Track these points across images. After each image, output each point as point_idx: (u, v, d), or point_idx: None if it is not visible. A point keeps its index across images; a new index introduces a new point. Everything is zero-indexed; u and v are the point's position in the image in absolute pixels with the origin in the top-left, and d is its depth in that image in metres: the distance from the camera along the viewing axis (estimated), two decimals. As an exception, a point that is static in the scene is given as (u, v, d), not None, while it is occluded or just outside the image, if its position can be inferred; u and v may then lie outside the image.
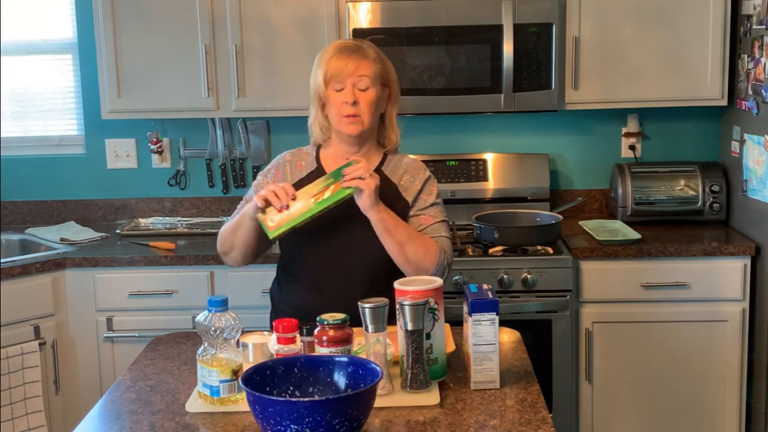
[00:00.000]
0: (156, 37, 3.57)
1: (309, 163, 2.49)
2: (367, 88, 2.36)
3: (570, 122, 3.90)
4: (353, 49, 2.38)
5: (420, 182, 2.47)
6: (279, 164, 2.51)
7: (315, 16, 3.52)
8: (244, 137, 3.91)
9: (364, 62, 2.36)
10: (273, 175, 2.48)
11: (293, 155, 2.52)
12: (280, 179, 2.46)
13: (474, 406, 1.89)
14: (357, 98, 2.35)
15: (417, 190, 2.45)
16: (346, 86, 2.35)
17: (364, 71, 2.36)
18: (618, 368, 3.38)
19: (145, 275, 3.38)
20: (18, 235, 3.75)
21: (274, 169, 2.50)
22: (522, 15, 3.42)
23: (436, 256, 2.35)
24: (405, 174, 2.47)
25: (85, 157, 4.02)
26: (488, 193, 3.81)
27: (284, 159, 2.52)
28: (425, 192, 2.46)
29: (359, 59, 2.36)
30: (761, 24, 3.25)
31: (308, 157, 2.50)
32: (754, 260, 3.32)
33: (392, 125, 2.49)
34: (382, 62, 2.42)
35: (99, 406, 1.98)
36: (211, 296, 1.92)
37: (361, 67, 2.35)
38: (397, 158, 2.51)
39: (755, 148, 3.32)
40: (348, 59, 2.36)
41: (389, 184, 2.44)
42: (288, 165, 2.49)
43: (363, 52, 2.38)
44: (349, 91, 2.35)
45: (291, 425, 1.56)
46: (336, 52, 2.38)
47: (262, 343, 2.07)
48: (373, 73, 2.37)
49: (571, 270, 3.28)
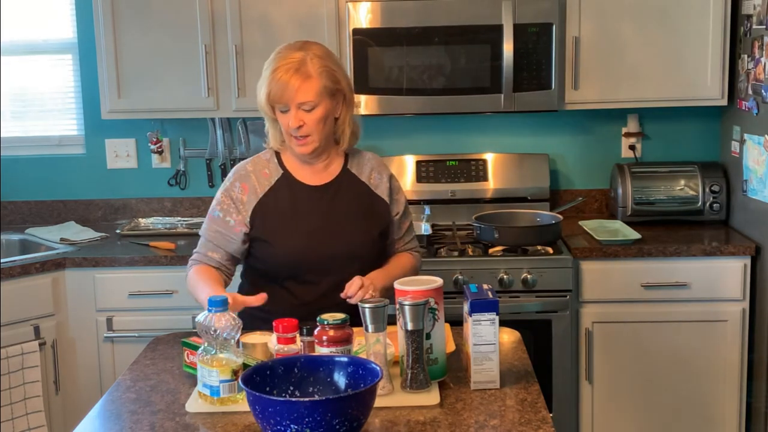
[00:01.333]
0: (156, 37, 3.57)
1: (273, 170, 2.42)
2: (313, 108, 2.29)
3: (570, 122, 3.90)
4: (295, 67, 2.26)
5: (387, 178, 2.50)
6: (241, 176, 2.41)
7: (315, 16, 3.52)
8: (244, 137, 3.91)
9: (305, 84, 2.26)
10: (240, 189, 2.40)
11: (254, 164, 2.44)
12: (248, 192, 2.39)
13: (474, 406, 1.89)
14: (302, 120, 2.29)
15: (387, 187, 2.48)
16: (290, 109, 2.29)
17: (306, 95, 2.26)
18: (618, 368, 3.38)
19: (145, 275, 3.38)
20: (18, 235, 3.75)
21: (238, 182, 2.40)
22: (522, 15, 3.42)
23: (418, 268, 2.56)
24: (372, 171, 2.48)
25: (85, 157, 4.02)
26: (488, 193, 3.81)
27: (246, 170, 2.42)
28: (396, 191, 2.52)
29: (301, 80, 2.25)
30: (761, 24, 3.24)
31: (270, 164, 2.44)
32: (754, 260, 3.32)
33: (345, 128, 2.41)
34: (327, 72, 2.30)
35: (99, 406, 1.98)
36: (211, 296, 1.92)
37: (302, 90, 2.26)
38: (358, 155, 2.50)
39: (755, 148, 3.32)
40: (289, 81, 2.25)
41: (361, 186, 2.45)
42: (253, 176, 2.41)
43: (305, 70, 2.26)
44: (293, 115, 2.29)
45: (291, 425, 1.56)
46: (280, 71, 2.27)
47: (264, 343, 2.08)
48: (318, 91, 2.27)
49: (571, 270, 3.28)
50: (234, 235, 2.39)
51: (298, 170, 2.43)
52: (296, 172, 2.43)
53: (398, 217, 2.51)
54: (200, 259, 2.43)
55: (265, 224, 2.38)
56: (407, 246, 2.57)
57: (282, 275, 2.40)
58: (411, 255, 2.57)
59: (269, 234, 2.38)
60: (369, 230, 2.42)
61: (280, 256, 2.38)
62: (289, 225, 2.38)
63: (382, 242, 2.48)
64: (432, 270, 2.98)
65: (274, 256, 2.39)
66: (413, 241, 2.60)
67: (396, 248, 2.55)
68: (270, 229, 2.38)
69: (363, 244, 2.40)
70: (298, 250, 2.37)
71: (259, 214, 2.39)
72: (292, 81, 2.26)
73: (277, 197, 2.40)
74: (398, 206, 2.51)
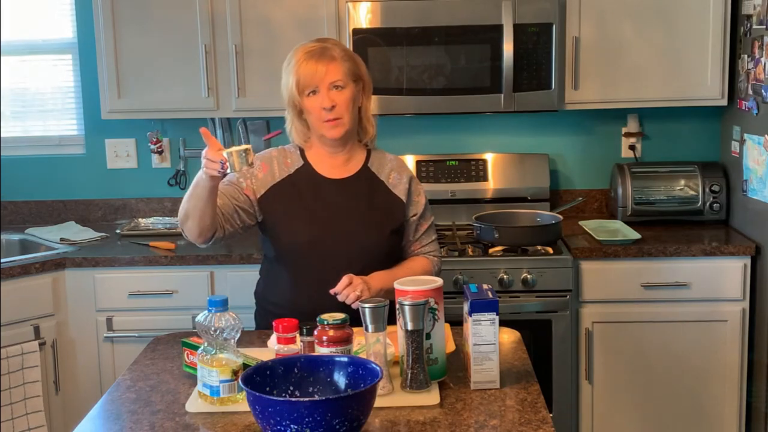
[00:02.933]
0: (156, 37, 3.57)
1: (295, 160, 2.48)
2: (343, 87, 2.36)
3: (570, 122, 3.90)
4: (320, 53, 2.36)
5: (407, 180, 2.51)
6: (264, 158, 2.48)
7: (315, 16, 3.52)
8: (244, 137, 3.90)
9: (333, 64, 2.35)
10: (259, 167, 2.45)
11: (279, 152, 2.51)
12: (266, 172, 2.44)
13: (474, 406, 1.89)
14: (334, 101, 2.35)
15: (406, 188, 2.50)
16: (321, 91, 2.35)
17: (336, 74, 2.35)
18: (618, 368, 3.38)
19: (145, 275, 3.38)
20: (18, 235, 3.75)
21: (259, 161, 2.45)
22: (522, 15, 3.42)
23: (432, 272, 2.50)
24: (392, 172, 2.51)
25: (85, 157, 4.02)
26: (488, 193, 3.81)
27: (271, 154, 2.50)
28: (415, 193, 2.53)
29: (328, 62, 2.35)
30: (761, 24, 3.24)
31: (293, 155, 2.49)
32: (754, 260, 3.32)
33: (368, 118, 2.49)
34: (350, 58, 2.41)
35: (99, 406, 1.98)
36: (211, 296, 1.92)
37: (331, 69, 2.34)
38: (379, 155, 2.53)
39: (755, 148, 3.32)
40: (317, 64, 2.34)
41: (379, 185, 2.48)
42: (275, 161, 2.48)
43: (330, 54, 2.36)
44: (325, 95, 2.35)
45: (291, 425, 1.56)
46: (304, 59, 2.35)
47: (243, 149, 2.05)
48: (345, 72, 2.36)
49: (571, 270, 3.28)
50: (241, 195, 2.42)
51: (319, 163, 2.47)
52: (317, 165, 2.47)
53: (415, 218, 2.52)
54: None
55: (276, 209, 2.42)
56: (424, 249, 2.56)
57: (288, 264, 2.43)
58: (427, 259, 2.55)
59: (278, 218, 2.42)
60: (380, 228, 2.43)
61: (285, 243, 2.42)
62: (299, 213, 2.41)
63: (394, 241, 2.48)
64: (432, 270, 2.99)
65: (279, 241, 2.43)
66: (432, 245, 2.58)
67: (412, 250, 2.55)
68: (279, 213, 2.42)
69: (371, 241, 2.41)
70: (301, 238, 2.39)
71: (272, 198, 2.43)
72: (320, 63, 2.35)
73: (293, 184, 2.44)
74: (416, 208, 2.52)
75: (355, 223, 2.41)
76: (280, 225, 2.42)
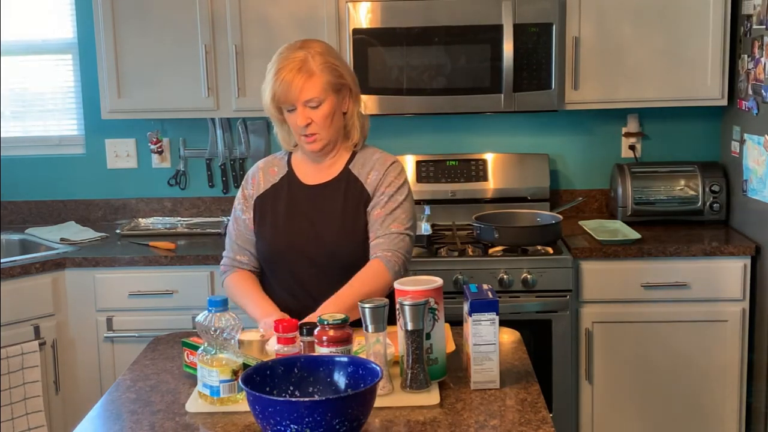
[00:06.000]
0: (156, 37, 3.57)
1: (281, 168, 2.48)
2: (319, 104, 2.30)
3: (570, 122, 3.90)
4: (297, 66, 2.27)
5: (382, 173, 2.39)
6: (253, 172, 2.50)
7: (315, 16, 3.52)
8: (244, 137, 3.91)
9: (309, 81, 2.27)
10: (250, 184, 2.48)
11: (266, 163, 2.52)
12: (255, 186, 2.47)
13: (474, 406, 1.89)
14: (309, 118, 2.31)
15: (376, 182, 2.39)
16: (297, 108, 2.30)
17: (311, 91, 2.27)
18: (618, 368, 3.38)
19: (145, 275, 3.38)
20: (18, 235, 3.75)
21: (250, 178, 2.49)
22: (522, 15, 3.42)
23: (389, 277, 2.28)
24: (372, 171, 2.41)
25: (85, 157, 4.02)
26: (488, 193, 3.81)
27: (257, 166, 2.52)
28: (383, 184, 2.38)
29: (305, 78, 2.26)
30: (761, 24, 3.24)
31: (280, 162, 2.50)
32: (754, 260, 3.32)
33: (353, 122, 2.42)
34: (329, 68, 2.30)
35: (99, 406, 1.98)
36: (211, 296, 1.92)
37: (306, 88, 2.27)
38: (367, 154, 2.45)
39: (755, 148, 3.32)
40: (293, 80, 2.26)
41: (356, 186, 2.41)
42: (261, 172, 2.49)
43: (307, 68, 2.27)
44: (300, 113, 2.30)
45: (291, 425, 1.56)
46: (279, 72, 2.28)
47: (258, 339, 2.07)
48: (322, 87, 2.28)
49: (571, 270, 3.28)
50: (249, 233, 2.46)
51: (301, 169, 2.46)
52: (299, 171, 2.46)
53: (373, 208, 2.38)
54: (231, 264, 2.48)
55: (260, 218, 2.45)
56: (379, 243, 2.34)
57: (270, 271, 2.46)
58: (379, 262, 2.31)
59: (260, 228, 2.44)
60: (353, 231, 2.38)
61: (263, 252, 2.44)
62: (277, 221, 2.42)
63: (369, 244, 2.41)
64: (432, 270, 2.99)
65: (259, 250, 2.45)
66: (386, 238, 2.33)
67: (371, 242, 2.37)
68: (261, 223, 2.44)
69: (343, 245, 2.37)
70: (277, 247, 2.41)
71: (258, 208, 2.45)
72: (295, 80, 2.27)
73: (276, 194, 2.45)
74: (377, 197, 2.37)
75: (328, 228, 2.38)
76: (260, 233, 2.44)
